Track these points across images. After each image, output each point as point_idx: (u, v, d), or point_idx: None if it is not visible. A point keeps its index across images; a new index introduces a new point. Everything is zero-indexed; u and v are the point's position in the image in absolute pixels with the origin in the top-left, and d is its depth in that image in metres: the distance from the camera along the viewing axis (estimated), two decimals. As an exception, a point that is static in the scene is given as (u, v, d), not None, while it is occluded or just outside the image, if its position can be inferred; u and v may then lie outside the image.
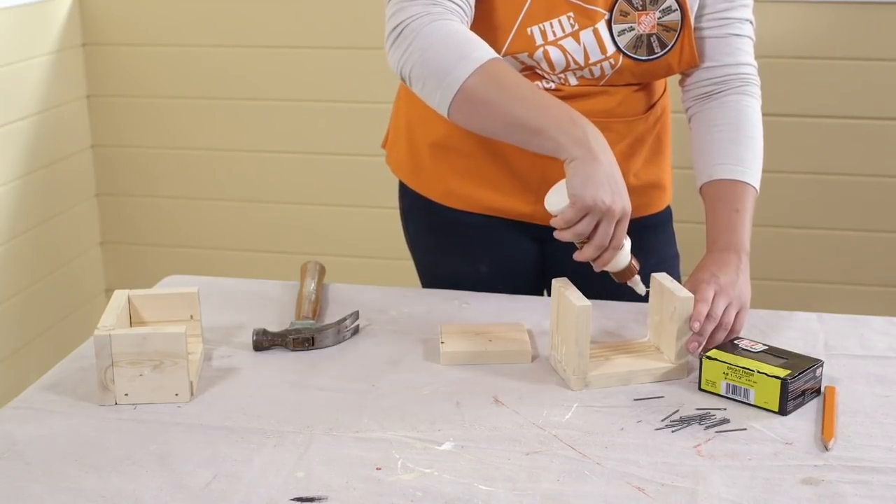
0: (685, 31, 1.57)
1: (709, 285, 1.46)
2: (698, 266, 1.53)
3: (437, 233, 1.79)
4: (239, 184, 3.14)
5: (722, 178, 1.58)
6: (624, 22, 1.55)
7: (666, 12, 1.55)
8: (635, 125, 1.66)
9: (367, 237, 3.06)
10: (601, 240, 1.38)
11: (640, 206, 1.72)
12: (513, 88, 1.40)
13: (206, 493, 1.16)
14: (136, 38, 3.09)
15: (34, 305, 2.98)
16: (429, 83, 1.41)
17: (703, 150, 1.63)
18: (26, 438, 1.28)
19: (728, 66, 1.63)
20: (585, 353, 1.38)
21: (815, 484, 1.18)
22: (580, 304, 1.37)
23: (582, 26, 1.54)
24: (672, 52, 1.57)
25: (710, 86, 1.64)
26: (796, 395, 1.34)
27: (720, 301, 1.45)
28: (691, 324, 1.42)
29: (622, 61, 1.57)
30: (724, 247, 1.53)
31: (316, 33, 2.96)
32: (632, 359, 1.46)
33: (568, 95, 1.59)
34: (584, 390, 1.39)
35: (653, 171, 1.73)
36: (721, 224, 1.56)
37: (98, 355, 1.34)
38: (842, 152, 2.78)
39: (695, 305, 1.43)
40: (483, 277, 1.75)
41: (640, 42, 1.56)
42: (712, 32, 1.61)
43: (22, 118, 2.86)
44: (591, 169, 1.35)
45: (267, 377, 1.44)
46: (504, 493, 1.16)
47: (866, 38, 2.69)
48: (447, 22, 1.42)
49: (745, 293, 1.49)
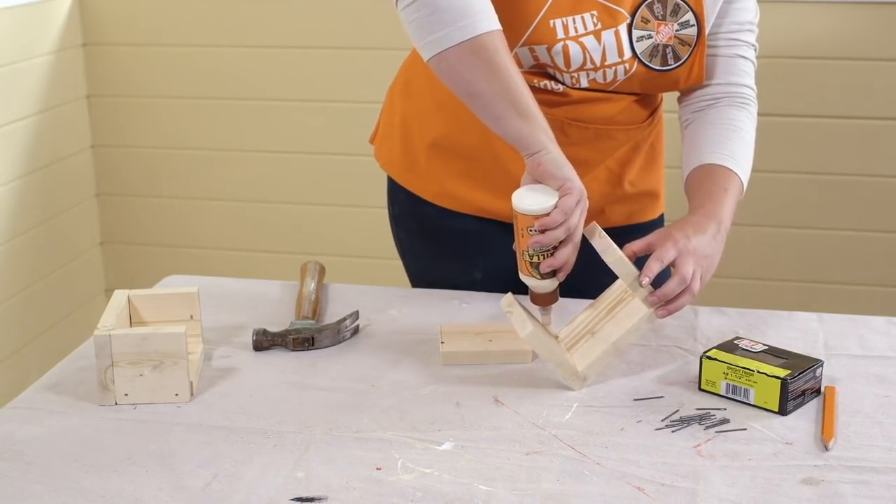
0: (699, 48, 1.57)
1: (674, 245, 1.40)
2: (675, 223, 1.48)
3: (429, 240, 1.78)
4: (239, 184, 3.14)
5: (713, 163, 1.56)
6: (644, 29, 1.55)
7: (684, 26, 1.56)
8: (633, 133, 1.67)
9: (367, 237, 3.06)
10: (578, 235, 1.38)
11: (635, 212, 1.73)
12: (495, 67, 1.40)
13: (206, 493, 1.16)
14: (136, 38, 3.09)
15: (34, 305, 2.97)
16: (433, 17, 1.40)
17: (694, 144, 1.61)
18: (26, 438, 1.28)
19: (730, 85, 1.63)
20: (564, 361, 1.39)
21: (815, 484, 1.18)
22: (524, 333, 1.37)
23: (605, 26, 1.54)
24: (684, 66, 1.57)
25: (710, 100, 1.64)
26: (796, 395, 1.34)
27: (687, 264, 1.39)
28: (640, 278, 1.37)
29: (636, 68, 1.57)
30: (706, 213, 1.49)
31: (316, 33, 2.96)
32: (609, 325, 1.41)
33: (573, 101, 1.59)
34: (585, 390, 1.40)
35: (647, 179, 1.73)
36: (708, 194, 1.52)
37: (98, 355, 1.34)
38: (842, 152, 2.78)
39: (649, 261, 1.38)
40: (477, 283, 1.74)
41: (655, 51, 1.56)
42: (721, 52, 1.62)
43: (22, 118, 2.86)
44: (559, 155, 1.39)
45: (267, 377, 1.44)
46: (504, 493, 1.16)
47: (866, 38, 2.69)
48: None
49: (713, 262, 1.45)
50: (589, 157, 1.64)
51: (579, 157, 1.62)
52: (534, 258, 1.38)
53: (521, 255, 1.40)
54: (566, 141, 1.61)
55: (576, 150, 1.62)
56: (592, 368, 1.40)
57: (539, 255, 1.37)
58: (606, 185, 1.69)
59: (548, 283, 1.40)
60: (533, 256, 1.38)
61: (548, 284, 1.40)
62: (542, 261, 1.38)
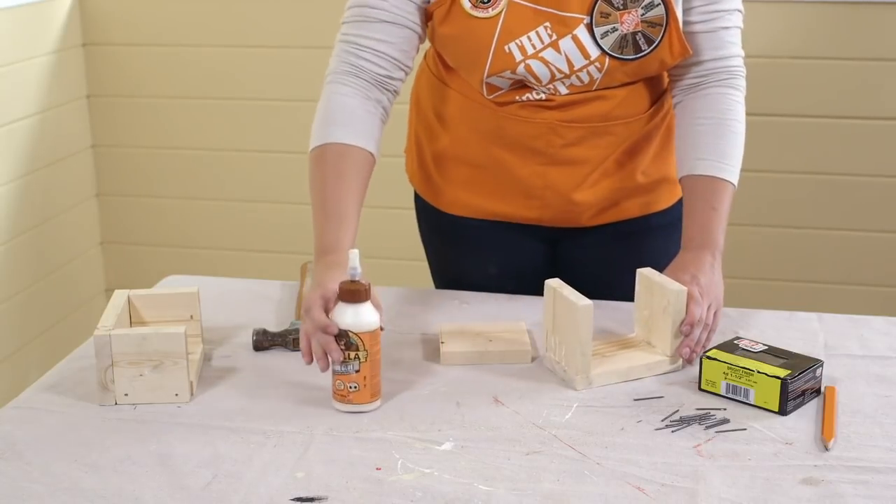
0: (671, 25, 1.54)
1: (693, 287, 1.46)
2: (675, 264, 1.52)
3: (445, 235, 1.80)
4: (239, 184, 3.14)
5: (702, 174, 1.57)
6: (606, 24, 1.53)
7: (648, 8, 1.53)
8: (635, 126, 1.65)
9: (368, 237, 3.04)
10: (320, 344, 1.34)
11: (650, 202, 1.72)
12: (320, 180, 1.56)
13: (206, 493, 1.16)
14: (136, 38, 3.09)
15: (34, 305, 2.97)
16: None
17: (685, 143, 1.62)
18: (26, 438, 1.28)
19: (715, 60, 1.61)
20: (588, 352, 1.38)
21: (815, 484, 1.18)
22: (582, 303, 1.37)
23: (560, 35, 1.53)
24: (661, 46, 1.55)
25: (697, 78, 1.62)
26: (796, 395, 1.34)
27: (705, 304, 1.46)
28: (683, 327, 1.42)
29: (609, 63, 1.55)
30: (699, 245, 1.53)
31: (316, 33, 2.96)
32: (628, 354, 1.46)
33: (560, 105, 1.59)
34: (584, 390, 1.39)
35: (662, 165, 1.71)
36: (698, 222, 1.56)
37: (98, 355, 1.34)
38: (842, 152, 2.78)
39: (689, 308, 1.43)
40: (492, 278, 1.75)
41: (625, 42, 1.54)
42: (701, 27, 1.59)
43: (22, 118, 2.86)
44: (313, 286, 1.41)
45: (267, 377, 1.44)
46: (504, 493, 1.16)
47: (865, 38, 2.69)
48: (340, 91, 1.55)
49: (720, 293, 1.50)
50: (589, 156, 1.63)
51: (579, 156, 1.63)
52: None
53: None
54: (562, 142, 1.61)
55: (573, 151, 1.62)
56: (601, 379, 1.41)
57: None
58: (617, 179, 1.67)
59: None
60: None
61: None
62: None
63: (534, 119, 1.59)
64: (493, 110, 1.61)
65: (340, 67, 1.57)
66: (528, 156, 1.62)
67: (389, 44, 1.55)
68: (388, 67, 1.56)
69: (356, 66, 1.55)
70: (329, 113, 1.56)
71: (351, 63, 1.56)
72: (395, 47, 1.55)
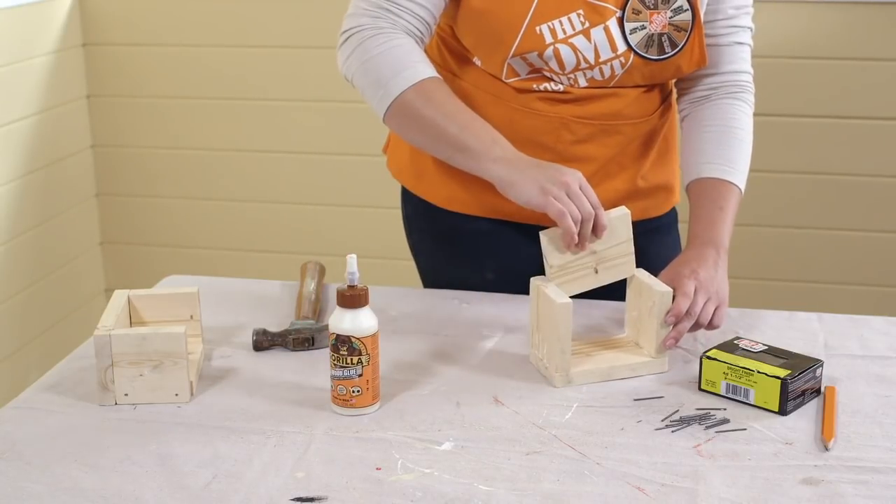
0: (696, 32, 1.56)
1: (689, 280, 1.46)
2: (678, 260, 1.53)
3: (441, 240, 1.78)
4: (239, 184, 3.14)
5: (709, 177, 1.59)
6: (636, 20, 1.54)
7: (677, 12, 1.55)
8: (642, 127, 1.66)
9: (368, 237, 3.06)
10: (585, 209, 1.41)
11: (648, 207, 1.72)
12: (441, 105, 1.49)
13: (206, 493, 1.16)
14: (136, 38, 3.09)
15: (34, 305, 2.97)
16: (366, 92, 1.54)
17: (692, 149, 1.63)
18: (26, 438, 1.28)
19: (727, 74, 1.64)
20: (567, 349, 1.39)
21: (815, 484, 1.18)
22: (560, 301, 1.38)
23: (592, 24, 1.54)
24: (683, 52, 1.57)
25: (707, 91, 1.65)
26: (796, 395, 1.34)
27: (699, 297, 1.45)
28: (667, 318, 1.42)
29: (633, 60, 1.56)
30: (704, 242, 1.54)
31: (316, 33, 2.96)
32: (612, 354, 1.46)
33: (577, 98, 1.59)
34: (585, 390, 1.39)
35: (661, 172, 1.72)
36: (704, 219, 1.57)
37: (98, 355, 1.34)
38: (841, 152, 2.78)
39: (675, 299, 1.43)
40: (489, 284, 1.74)
41: (651, 41, 1.56)
42: (719, 41, 1.62)
43: (22, 118, 2.86)
44: (514, 173, 1.44)
45: (267, 377, 1.44)
46: (504, 493, 1.16)
47: (865, 38, 2.69)
48: (390, 38, 1.50)
49: (723, 289, 1.50)
50: (597, 153, 1.63)
51: (587, 154, 1.63)
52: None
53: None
54: (572, 138, 1.61)
55: (583, 147, 1.62)
56: (581, 377, 1.41)
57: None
58: (619, 181, 1.68)
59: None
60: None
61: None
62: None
63: (547, 113, 1.59)
64: (507, 102, 1.61)
65: (379, 23, 1.52)
66: (536, 152, 1.62)
67: (425, 8, 1.54)
68: (423, 31, 1.55)
69: (394, 23, 1.52)
70: (403, 56, 1.50)
71: (391, 21, 1.52)
72: (430, 13, 1.55)
